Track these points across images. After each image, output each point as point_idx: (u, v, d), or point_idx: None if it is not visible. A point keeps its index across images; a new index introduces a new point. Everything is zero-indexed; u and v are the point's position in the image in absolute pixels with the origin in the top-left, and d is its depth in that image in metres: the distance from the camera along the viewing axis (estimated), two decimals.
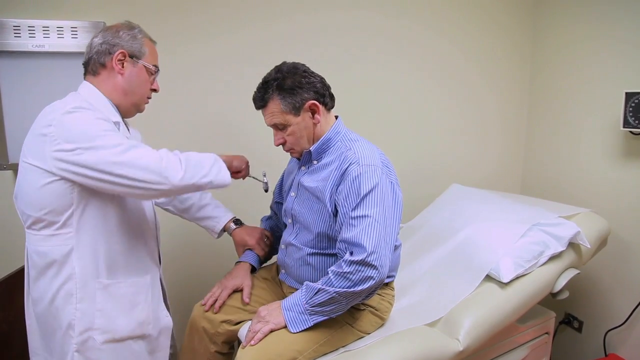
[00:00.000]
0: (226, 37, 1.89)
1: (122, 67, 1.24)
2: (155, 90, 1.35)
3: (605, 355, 1.97)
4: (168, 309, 1.41)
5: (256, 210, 1.82)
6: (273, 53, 1.84)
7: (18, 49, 1.65)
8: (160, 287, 1.39)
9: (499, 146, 2.41)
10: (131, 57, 1.26)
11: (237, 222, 1.64)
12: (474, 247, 1.65)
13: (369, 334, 1.39)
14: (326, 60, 1.97)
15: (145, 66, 1.28)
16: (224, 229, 1.63)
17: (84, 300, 1.17)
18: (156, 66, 1.32)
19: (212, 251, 1.99)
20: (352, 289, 1.20)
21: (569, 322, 2.15)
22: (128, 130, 1.35)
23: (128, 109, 1.30)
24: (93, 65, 1.25)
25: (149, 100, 1.36)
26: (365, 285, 1.20)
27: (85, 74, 1.28)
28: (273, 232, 1.67)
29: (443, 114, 2.28)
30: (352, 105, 2.03)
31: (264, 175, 1.55)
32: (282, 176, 1.66)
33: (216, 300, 1.46)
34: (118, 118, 1.26)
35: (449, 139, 2.32)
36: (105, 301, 1.19)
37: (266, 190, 1.57)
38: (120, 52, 1.24)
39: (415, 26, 2.14)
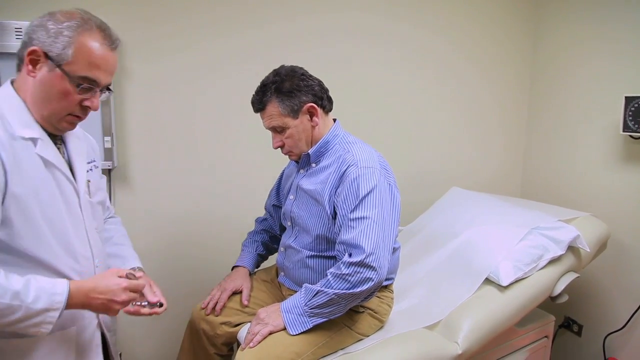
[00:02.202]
0: (225, 39, 1.89)
1: (34, 67, 0.97)
2: (90, 108, 1.03)
3: (605, 359, 1.97)
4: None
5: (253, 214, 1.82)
6: (272, 55, 1.85)
7: None
8: (100, 339, 1.12)
9: (499, 150, 2.42)
10: (48, 58, 0.96)
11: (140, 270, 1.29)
12: (473, 250, 1.65)
13: (368, 336, 1.39)
14: (325, 63, 1.98)
15: (66, 74, 0.96)
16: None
17: None
18: (87, 78, 0.98)
19: (203, 251, 1.99)
20: (350, 291, 1.20)
21: (568, 325, 2.14)
22: (62, 145, 1.08)
23: (42, 122, 1.01)
24: (17, 57, 0.99)
25: (79, 118, 1.04)
26: (364, 287, 1.20)
27: None
28: (268, 233, 1.68)
29: (443, 117, 2.28)
30: (352, 109, 2.03)
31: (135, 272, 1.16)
32: (280, 178, 1.66)
33: (216, 302, 1.46)
34: (35, 132, 0.98)
35: (448, 143, 2.32)
36: None
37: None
38: (33, 50, 0.95)
39: (415, 29, 2.15)
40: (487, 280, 1.58)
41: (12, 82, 1.03)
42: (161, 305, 1.13)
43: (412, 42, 2.15)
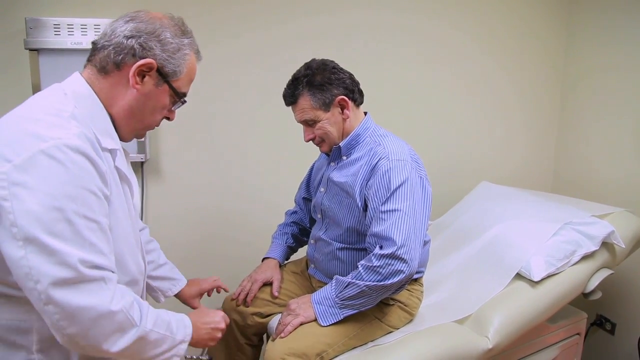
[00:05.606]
0: (253, 33, 1.90)
1: (141, 81, 0.90)
2: (169, 119, 1.03)
3: None
4: None
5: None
6: (299, 51, 1.85)
7: (58, 47, 1.70)
8: None
9: (530, 144, 2.37)
10: (159, 73, 0.91)
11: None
12: (504, 244, 1.63)
13: (398, 329, 1.39)
14: (355, 59, 1.97)
15: (171, 91, 0.95)
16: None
17: None
18: (185, 94, 0.99)
19: (233, 243, 2.02)
20: (382, 283, 1.21)
21: (600, 323, 2.10)
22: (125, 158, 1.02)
23: (125, 134, 0.97)
24: (104, 59, 0.90)
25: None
26: (395, 279, 1.20)
27: (87, 62, 0.94)
28: (298, 225, 1.69)
29: (472, 111, 2.25)
30: (380, 103, 2.02)
31: (204, 352, 1.31)
32: (310, 171, 1.67)
33: (247, 294, 1.48)
34: (116, 143, 0.93)
35: (478, 136, 2.29)
36: None
37: None
38: (148, 63, 0.89)
39: (447, 27, 2.13)
40: (519, 275, 1.56)
41: (83, 79, 0.92)
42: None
43: (442, 40, 2.13)
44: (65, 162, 0.78)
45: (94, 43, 0.93)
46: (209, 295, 1.44)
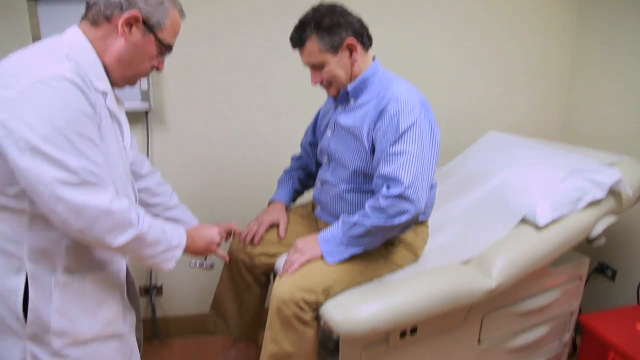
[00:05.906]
0: None
1: (129, 31, 1.01)
2: (158, 69, 1.13)
3: (639, 304, 1.96)
4: (136, 300, 1.24)
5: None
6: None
7: None
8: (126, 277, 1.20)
9: (540, 94, 2.33)
10: (145, 24, 1.02)
11: None
12: (510, 190, 1.64)
13: (403, 268, 1.42)
14: (362, 8, 1.91)
15: (156, 41, 1.05)
16: None
17: (38, 301, 1.00)
18: (170, 46, 1.09)
19: (239, 190, 2.04)
20: (388, 223, 1.22)
21: (602, 270, 2.13)
22: (116, 103, 1.11)
23: (117, 80, 1.08)
24: (96, 13, 1.01)
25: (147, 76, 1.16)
26: (402, 219, 1.22)
27: (82, 18, 1.04)
28: (304, 170, 1.70)
29: (480, 59, 2.20)
30: (386, 53, 1.97)
31: (205, 259, 1.40)
32: (317, 116, 1.65)
33: (254, 235, 1.51)
34: (107, 86, 1.03)
35: (486, 86, 2.24)
36: (63, 301, 1.02)
37: (211, 266, 1.41)
38: (133, 14, 0.99)
39: None
40: (524, 220, 1.57)
41: (79, 30, 1.02)
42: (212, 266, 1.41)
43: None
44: (60, 89, 0.89)
45: (87, 2, 1.04)
46: (226, 239, 1.47)
